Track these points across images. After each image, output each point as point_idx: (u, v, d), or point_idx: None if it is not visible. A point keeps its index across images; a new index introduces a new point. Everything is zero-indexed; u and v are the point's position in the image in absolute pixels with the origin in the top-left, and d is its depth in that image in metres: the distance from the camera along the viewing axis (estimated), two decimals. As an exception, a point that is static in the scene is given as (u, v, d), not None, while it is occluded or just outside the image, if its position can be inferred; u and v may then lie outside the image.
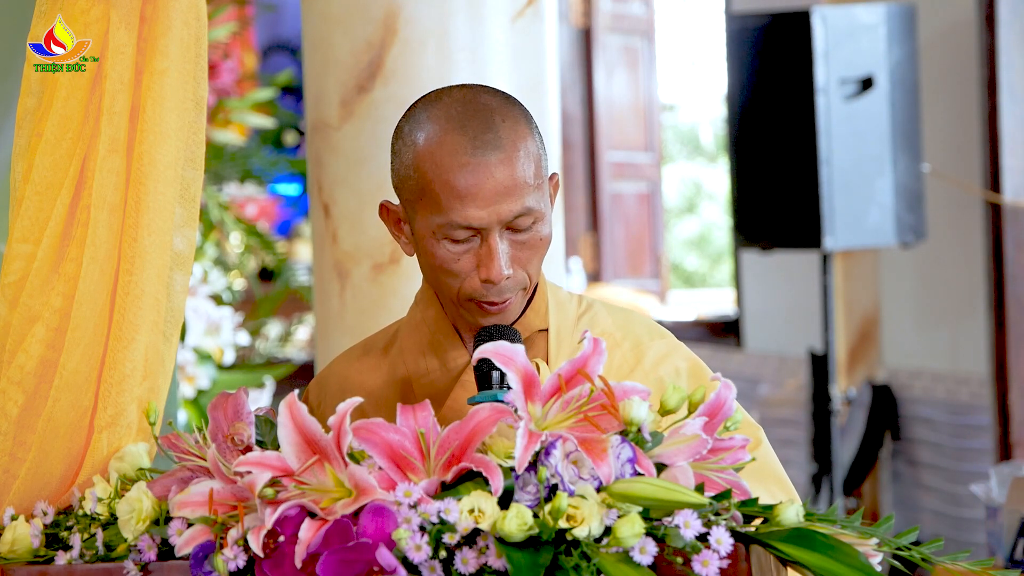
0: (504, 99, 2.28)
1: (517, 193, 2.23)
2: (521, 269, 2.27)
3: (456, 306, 2.31)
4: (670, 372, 2.36)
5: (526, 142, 2.25)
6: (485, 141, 2.23)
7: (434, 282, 2.32)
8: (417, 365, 2.38)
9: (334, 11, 3.45)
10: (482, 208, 2.22)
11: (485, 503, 1.90)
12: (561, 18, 8.55)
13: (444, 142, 2.23)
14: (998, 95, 5.92)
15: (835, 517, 1.97)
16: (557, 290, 2.41)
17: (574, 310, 2.40)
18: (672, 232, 13.03)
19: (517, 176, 2.23)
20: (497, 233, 2.24)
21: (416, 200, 2.27)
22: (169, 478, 2.08)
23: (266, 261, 6.83)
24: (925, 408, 6.58)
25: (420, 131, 2.26)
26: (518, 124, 2.26)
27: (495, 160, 2.22)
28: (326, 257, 3.50)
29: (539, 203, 2.26)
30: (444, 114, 2.25)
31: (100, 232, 2.19)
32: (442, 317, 2.37)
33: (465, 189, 2.22)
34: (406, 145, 2.28)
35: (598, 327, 2.39)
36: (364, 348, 2.47)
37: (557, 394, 1.99)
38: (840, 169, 5.57)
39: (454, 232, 2.24)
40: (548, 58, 3.49)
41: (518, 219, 2.24)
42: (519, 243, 2.26)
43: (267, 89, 7.63)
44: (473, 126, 2.24)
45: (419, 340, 2.39)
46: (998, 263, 6.00)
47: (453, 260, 2.26)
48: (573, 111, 8.87)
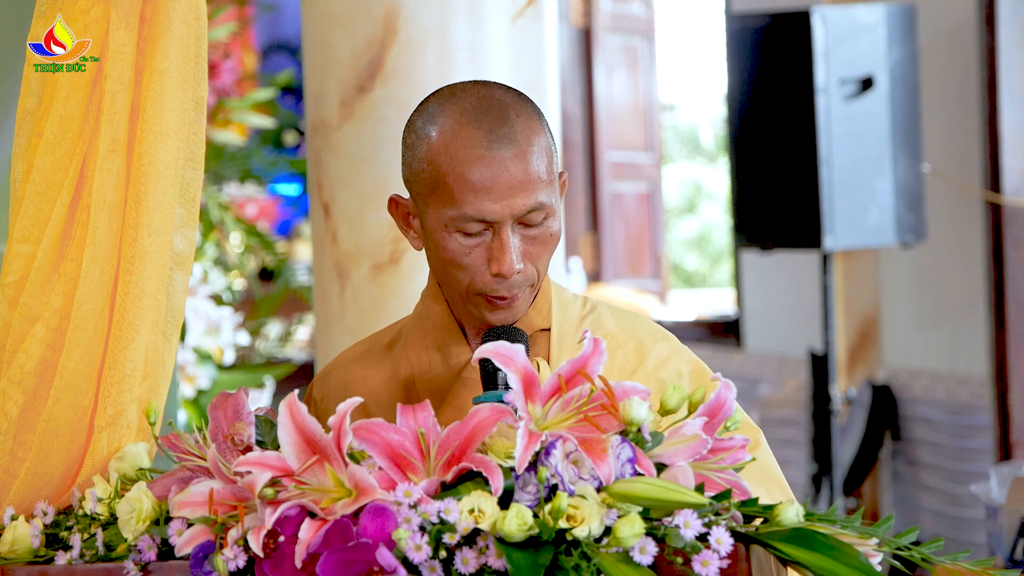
0: (517, 95, 2.30)
1: (530, 188, 2.24)
2: (531, 264, 2.29)
3: (464, 301, 2.31)
4: (672, 375, 2.37)
5: (540, 137, 2.27)
6: (500, 135, 2.24)
7: (443, 276, 2.32)
8: (420, 361, 2.39)
9: (334, 11, 3.45)
10: (496, 202, 2.23)
11: (485, 503, 1.90)
12: (561, 18, 8.55)
13: (459, 135, 2.24)
14: (998, 95, 5.92)
15: (835, 517, 1.97)
16: (561, 291, 2.41)
17: (578, 311, 2.41)
18: (672, 232, 13.04)
19: (531, 171, 2.24)
20: (509, 227, 2.25)
21: (428, 193, 2.27)
22: (169, 478, 2.08)
23: (266, 261, 6.83)
24: (925, 408, 6.58)
25: (434, 125, 2.27)
26: (532, 120, 2.28)
27: (509, 154, 2.24)
28: (326, 257, 3.50)
29: (551, 198, 2.27)
30: (458, 108, 2.27)
31: (100, 232, 2.19)
32: (447, 313, 2.37)
33: (480, 182, 2.23)
34: (419, 139, 2.29)
35: (601, 329, 2.39)
36: (368, 345, 2.48)
37: (557, 394, 1.99)
38: (840, 169, 5.57)
39: (467, 225, 2.25)
40: (548, 58, 3.49)
41: (530, 214, 2.25)
42: (530, 238, 2.28)
43: (267, 89, 7.63)
44: (488, 121, 2.25)
45: (423, 335, 2.39)
46: (998, 263, 6.00)
47: (464, 253, 2.27)
48: (573, 111, 8.86)
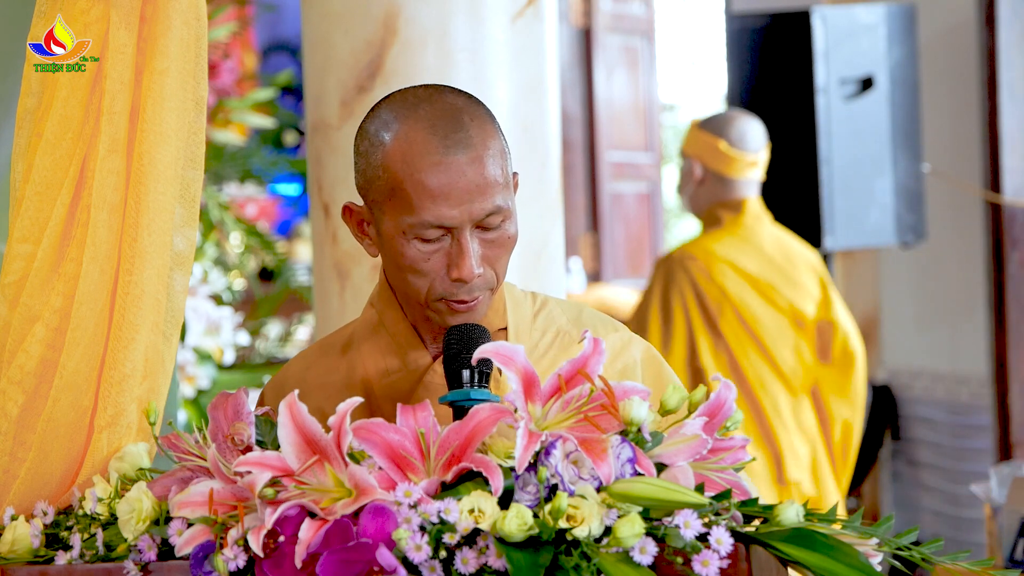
0: (468, 98, 2.30)
1: (488, 192, 2.24)
2: (490, 268, 2.28)
3: (423, 307, 2.30)
4: (628, 364, 2.38)
5: (494, 141, 2.27)
6: (456, 140, 2.24)
7: (401, 283, 2.31)
8: (377, 367, 2.37)
9: (334, 11, 3.45)
10: (454, 207, 2.23)
11: (485, 503, 1.90)
12: (561, 18, 8.55)
13: (414, 141, 2.24)
14: (998, 95, 5.93)
15: (835, 517, 1.97)
16: (512, 288, 2.42)
17: (529, 308, 2.42)
18: (672, 232, 13.03)
19: (488, 175, 2.24)
20: (468, 232, 2.25)
21: (384, 201, 2.27)
22: (169, 478, 2.08)
23: (266, 261, 6.82)
24: (925, 408, 6.58)
25: (388, 131, 2.26)
26: (486, 123, 2.27)
27: (466, 159, 2.23)
28: (326, 257, 3.50)
29: (507, 201, 2.27)
30: (412, 114, 2.26)
31: (100, 232, 2.19)
32: (401, 318, 2.36)
33: (438, 188, 2.22)
34: (373, 146, 2.28)
35: (554, 325, 2.40)
36: (321, 349, 2.46)
37: (557, 394, 1.99)
38: (840, 169, 5.57)
39: (425, 232, 2.24)
40: (548, 58, 3.49)
41: (489, 217, 2.25)
42: (488, 241, 2.27)
43: (267, 89, 7.62)
44: (443, 126, 2.24)
45: (377, 342, 2.38)
46: (998, 263, 6.00)
47: (423, 259, 2.26)
48: (573, 111, 8.86)
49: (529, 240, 3.39)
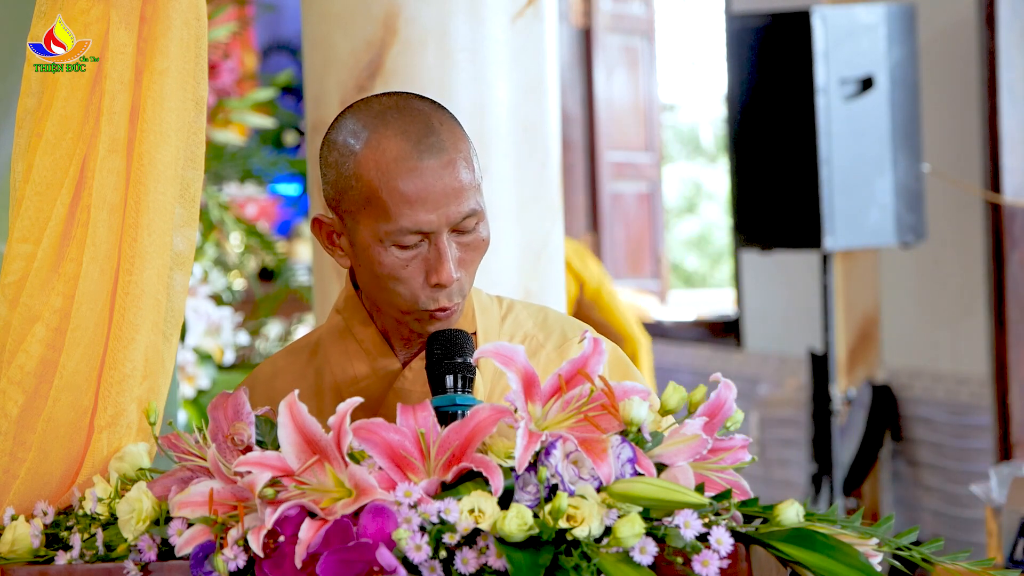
0: (432, 103, 2.30)
1: (463, 194, 2.24)
2: (465, 272, 2.28)
3: (404, 314, 2.29)
4: None
5: (464, 144, 2.27)
6: (429, 145, 2.23)
7: (377, 292, 2.30)
8: (344, 373, 2.36)
9: (334, 11, 3.45)
10: (432, 212, 2.22)
11: (485, 503, 1.90)
12: (561, 18, 8.55)
13: (387, 148, 2.23)
14: (998, 95, 5.93)
15: (835, 517, 1.97)
16: (479, 293, 2.41)
17: (496, 312, 2.41)
18: (672, 232, 13.04)
19: (462, 178, 2.24)
20: (445, 236, 2.24)
21: (359, 210, 2.25)
22: (169, 478, 2.08)
23: (266, 261, 6.82)
24: (925, 408, 6.58)
25: (356, 140, 2.25)
26: (455, 127, 2.28)
27: (440, 163, 2.23)
28: (326, 257, 3.50)
29: (480, 204, 2.27)
30: (380, 122, 2.25)
31: (100, 232, 2.19)
32: (369, 325, 2.36)
33: (414, 194, 2.22)
34: (343, 155, 2.26)
35: (521, 329, 2.40)
36: (289, 354, 2.45)
37: (557, 394, 1.99)
38: (840, 169, 5.57)
39: (403, 238, 2.23)
40: (548, 58, 3.49)
41: (465, 220, 2.25)
42: (464, 245, 2.27)
43: (267, 89, 7.62)
44: (414, 131, 2.24)
45: (345, 349, 2.37)
46: (998, 263, 6.00)
47: (401, 267, 2.25)
48: (573, 111, 8.87)
49: (529, 240, 3.39)
